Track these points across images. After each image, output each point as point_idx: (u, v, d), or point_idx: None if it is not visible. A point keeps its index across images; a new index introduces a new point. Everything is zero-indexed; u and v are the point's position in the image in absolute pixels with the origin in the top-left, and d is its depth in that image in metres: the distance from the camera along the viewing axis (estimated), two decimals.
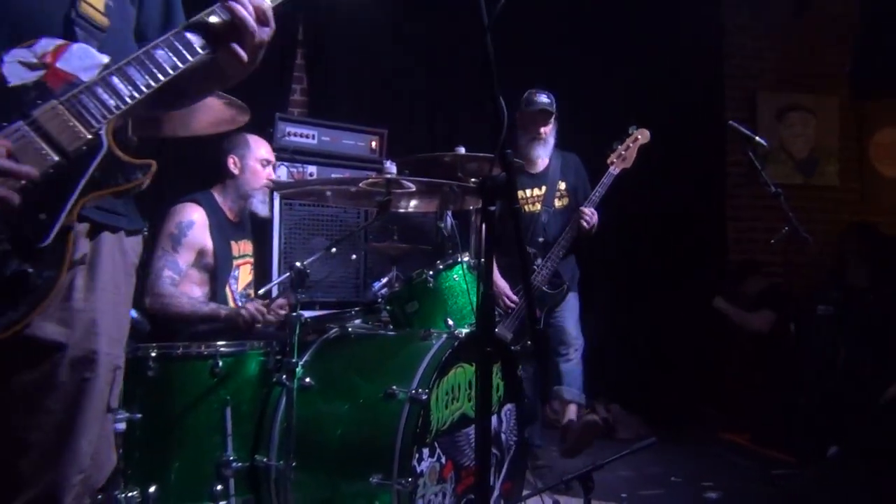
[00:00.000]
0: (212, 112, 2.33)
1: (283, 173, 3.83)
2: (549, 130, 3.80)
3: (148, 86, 1.25)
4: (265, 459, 2.32)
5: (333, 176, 3.96)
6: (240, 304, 3.04)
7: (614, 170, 3.63)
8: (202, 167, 3.30)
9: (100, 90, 1.22)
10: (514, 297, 3.57)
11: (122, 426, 2.07)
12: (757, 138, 3.56)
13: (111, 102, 1.23)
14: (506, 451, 2.64)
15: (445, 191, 2.82)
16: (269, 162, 3.17)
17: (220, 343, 2.37)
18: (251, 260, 3.23)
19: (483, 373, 1.42)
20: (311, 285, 2.39)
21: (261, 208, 3.15)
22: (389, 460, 2.13)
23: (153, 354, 2.27)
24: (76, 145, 1.20)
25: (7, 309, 1.15)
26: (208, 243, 2.97)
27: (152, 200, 3.01)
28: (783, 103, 5.71)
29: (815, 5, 5.69)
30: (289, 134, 3.89)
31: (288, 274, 2.34)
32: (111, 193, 1.26)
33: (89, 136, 1.21)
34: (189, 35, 1.30)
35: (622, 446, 4.07)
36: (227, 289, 3.06)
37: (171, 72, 1.27)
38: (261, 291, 2.78)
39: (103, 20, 1.31)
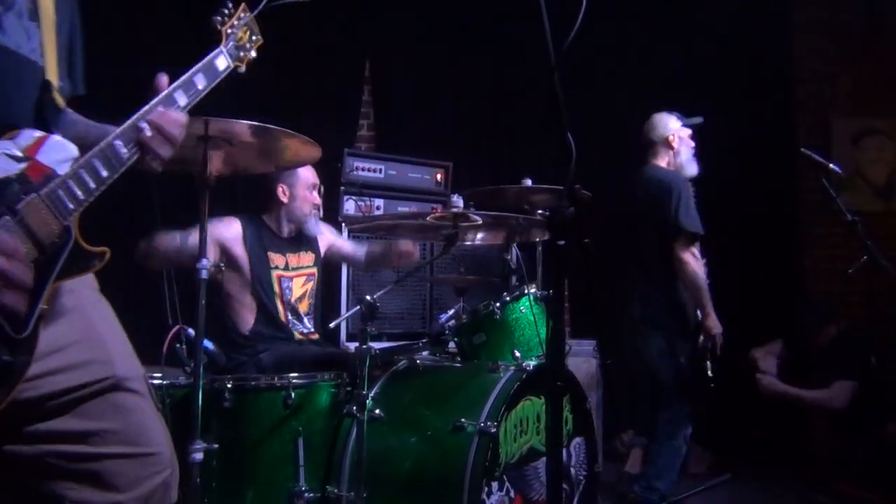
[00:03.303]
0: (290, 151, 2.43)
1: (350, 207, 3.92)
2: None
3: (109, 177, 1.33)
4: (336, 490, 2.35)
5: (400, 209, 4.03)
6: (289, 315, 3.13)
7: None
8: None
9: (72, 184, 1.28)
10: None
11: (199, 456, 2.12)
12: (831, 166, 3.47)
13: (80, 196, 1.29)
14: (575, 486, 2.61)
15: (512, 223, 2.84)
16: (315, 185, 3.25)
17: (292, 375, 2.42)
18: (310, 272, 3.27)
19: (554, 407, 1.42)
20: (379, 317, 2.43)
21: (315, 229, 3.26)
22: (459, 493, 2.13)
23: (229, 386, 2.33)
24: (51, 240, 1.26)
25: None
26: (237, 249, 3.06)
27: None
28: (858, 128, 5.54)
29: (888, 26, 5.53)
30: (357, 168, 3.98)
31: (358, 307, 2.38)
32: (71, 278, 1.32)
33: (62, 230, 1.28)
34: (141, 124, 1.38)
35: (695, 482, 3.99)
36: (279, 301, 3.12)
37: (126, 162, 1.36)
38: (332, 325, 2.83)
39: (62, 103, 1.40)
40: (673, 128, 3.70)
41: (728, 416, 4.87)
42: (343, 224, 3.80)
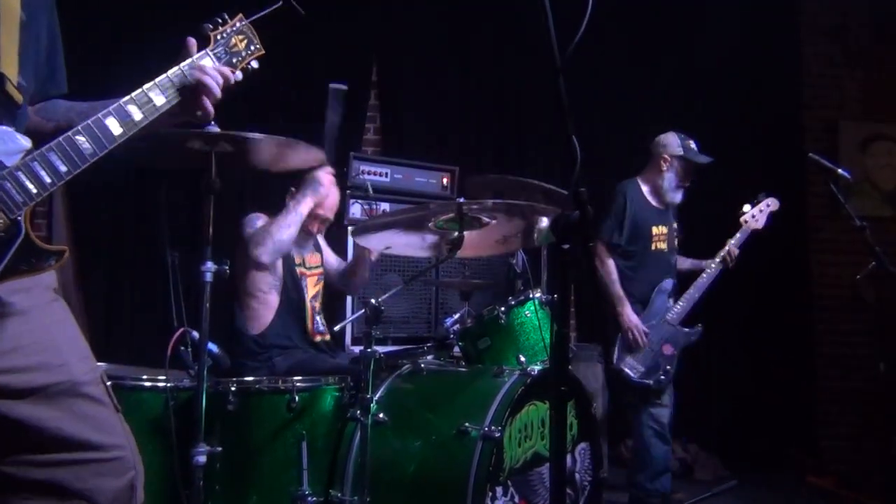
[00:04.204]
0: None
1: (356, 211, 3.92)
2: None
3: (68, 172, 1.27)
4: (340, 494, 2.34)
5: None
6: (315, 315, 3.13)
7: (747, 228, 3.79)
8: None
9: (21, 176, 1.22)
10: (646, 331, 3.55)
11: (202, 459, 2.12)
12: (839, 171, 3.46)
13: (32, 189, 1.23)
14: (580, 492, 2.60)
15: None
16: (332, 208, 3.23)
17: (296, 378, 2.41)
18: (320, 272, 3.28)
19: (558, 412, 1.41)
20: (384, 320, 2.42)
21: None
22: (463, 498, 2.13)
23: (233, 389, 2.32)
24: None
25: None
26: None
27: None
28: (866, 133, 5.51)
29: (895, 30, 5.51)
30: (363, 172, 3.98)
31: (363, 310, 2.37)
32: (21, 276, 1.26)
33: (8, 223, 1.21)
34: (108, 121, 1.32)
35: (701, 488, 3.97)
36: (308, 298, 3.12)
37: (89, 159, 1.29)
38: (336, 328, 2.84)
39: (19, 97, 1.34)
40: (672, 151, 3.71)
41: (735, 422, 4.86)
42: (349, 227, 3.80)
